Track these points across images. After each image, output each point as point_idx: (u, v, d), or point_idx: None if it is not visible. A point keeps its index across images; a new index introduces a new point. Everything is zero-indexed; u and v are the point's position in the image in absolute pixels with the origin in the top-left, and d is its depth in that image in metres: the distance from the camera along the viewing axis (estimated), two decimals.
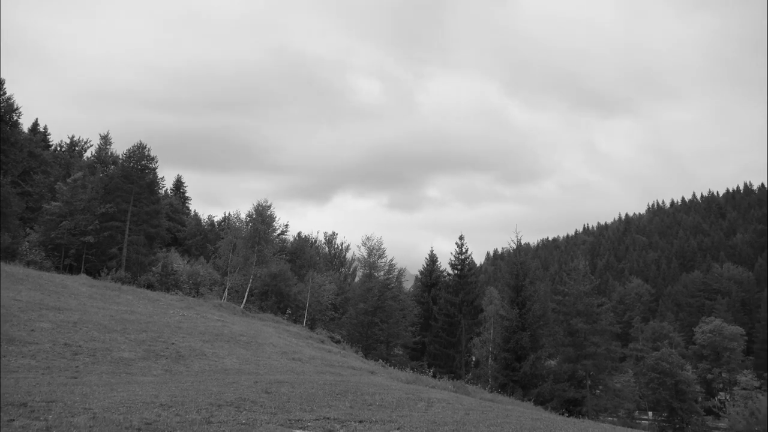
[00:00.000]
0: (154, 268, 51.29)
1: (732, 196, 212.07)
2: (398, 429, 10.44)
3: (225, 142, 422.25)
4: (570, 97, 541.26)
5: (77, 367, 17.61)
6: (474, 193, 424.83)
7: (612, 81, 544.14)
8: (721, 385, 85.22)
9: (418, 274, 69.89)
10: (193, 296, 47.11)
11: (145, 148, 56.73)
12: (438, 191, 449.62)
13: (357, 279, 77.42)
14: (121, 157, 58.84)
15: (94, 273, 46.71)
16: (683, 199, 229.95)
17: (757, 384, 72.40)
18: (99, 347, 20.54)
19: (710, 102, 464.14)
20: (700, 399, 71.60)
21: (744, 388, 69.81)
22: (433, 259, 64.73)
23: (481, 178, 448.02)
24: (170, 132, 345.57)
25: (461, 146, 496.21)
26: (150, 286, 45.23)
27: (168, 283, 48.48)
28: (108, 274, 45.26)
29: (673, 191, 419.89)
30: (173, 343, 23.40)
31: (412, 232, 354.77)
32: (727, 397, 73.24)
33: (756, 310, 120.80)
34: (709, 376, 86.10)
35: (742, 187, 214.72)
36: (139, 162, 56.05)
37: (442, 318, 55.99)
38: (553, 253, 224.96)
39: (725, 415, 56.14)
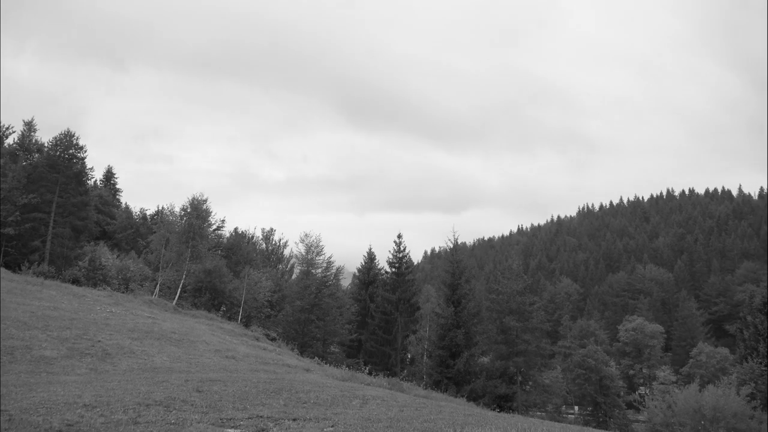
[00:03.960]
0: (80, 263, 49.08)
1: (656, 201, 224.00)
2: (332, 427, 10.42)
3: None
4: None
5: None
6: None
7: None
8: (641, 380, 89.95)
9: (356, 271, 69.91)
10: (123, 292, 45.30)
11: (73, 136, 54.22)
12: None
13: (294, 276, 76.59)
14: (46, 145, 55.93)
15: (14, 267, 44.25)
16: (611, 202, 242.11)
17: (673, 379, 76.67)
18: (17, 345, 19.45)
19: None
20: (622, 393, 75.26)
21: (662, 383, 73.68)
22: (371, 257, 64.84)
23: None
24: None
25: None
26: (76, 281, 43.24)
27: (95, 278, 46.50)
28: (29, 267, 42.97)
29: None
30: (99, 341, 22.45)
31: None
32: (647, 392, 77.05)
33: (674, 309, 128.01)
34: (631, 371, 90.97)
35: (665, 193, 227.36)
36: (67, 151, 53.53)
37: (378, 315, 56.24)
38: (488, 252, 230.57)
39: (645, 409, 58.94)
